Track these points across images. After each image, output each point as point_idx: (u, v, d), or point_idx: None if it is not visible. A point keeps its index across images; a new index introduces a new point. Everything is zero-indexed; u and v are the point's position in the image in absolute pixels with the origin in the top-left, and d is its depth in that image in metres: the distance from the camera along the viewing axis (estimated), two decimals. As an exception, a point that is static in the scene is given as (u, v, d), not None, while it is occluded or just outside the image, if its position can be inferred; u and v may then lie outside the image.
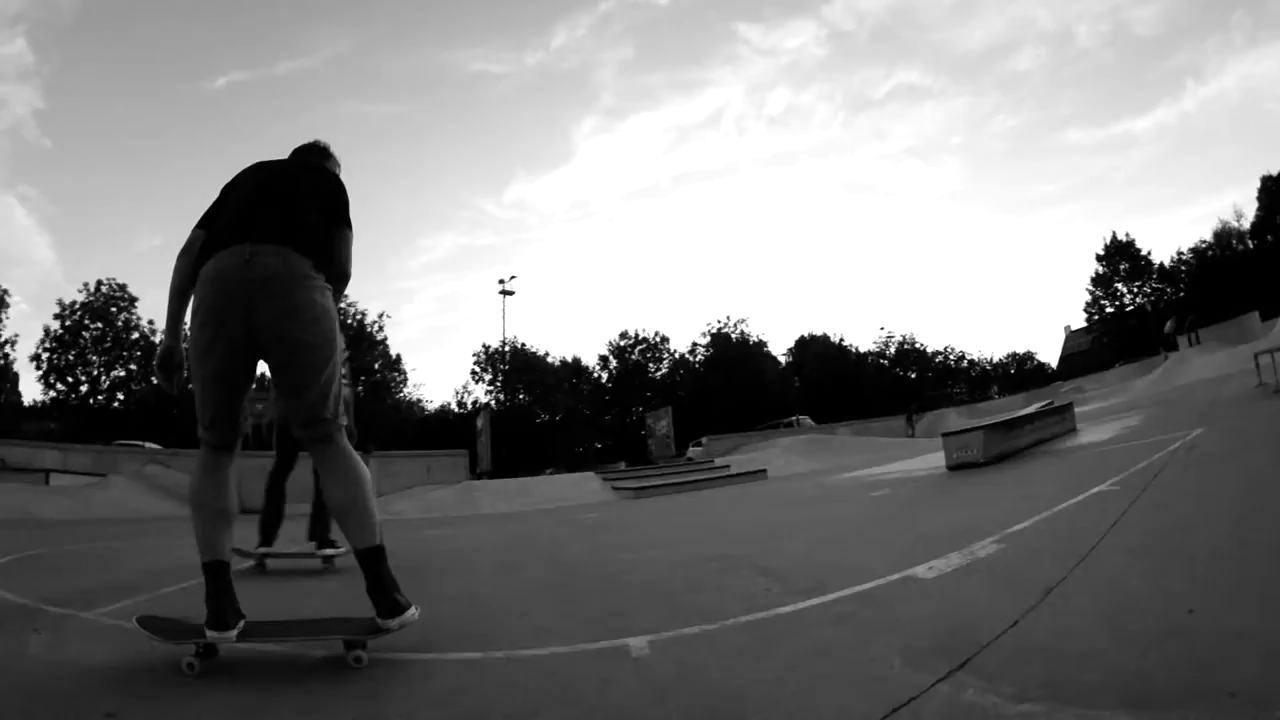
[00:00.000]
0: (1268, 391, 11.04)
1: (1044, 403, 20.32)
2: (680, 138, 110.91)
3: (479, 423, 38.64)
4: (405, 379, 61.57)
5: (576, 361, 65.31)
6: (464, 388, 63.99)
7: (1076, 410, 13.96)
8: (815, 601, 2.98)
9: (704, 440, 33.64)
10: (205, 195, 3.00)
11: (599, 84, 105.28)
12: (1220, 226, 57.37)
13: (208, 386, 2.66)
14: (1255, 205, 54.01)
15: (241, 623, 2.58)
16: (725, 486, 17.61)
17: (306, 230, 2.75)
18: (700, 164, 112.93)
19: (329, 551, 5.44)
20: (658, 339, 65.42)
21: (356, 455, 2.75)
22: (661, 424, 37.99)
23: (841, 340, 68.02)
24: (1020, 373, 70.99)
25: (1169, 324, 35.92)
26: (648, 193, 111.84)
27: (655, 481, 20.10)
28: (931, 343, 72.63)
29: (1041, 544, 3.74)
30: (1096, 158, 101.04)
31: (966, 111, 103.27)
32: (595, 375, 65.27)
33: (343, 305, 54.18)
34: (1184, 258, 58.76)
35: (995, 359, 74.46)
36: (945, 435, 10.15)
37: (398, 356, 60.64)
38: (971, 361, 72.16)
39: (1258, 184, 53.85)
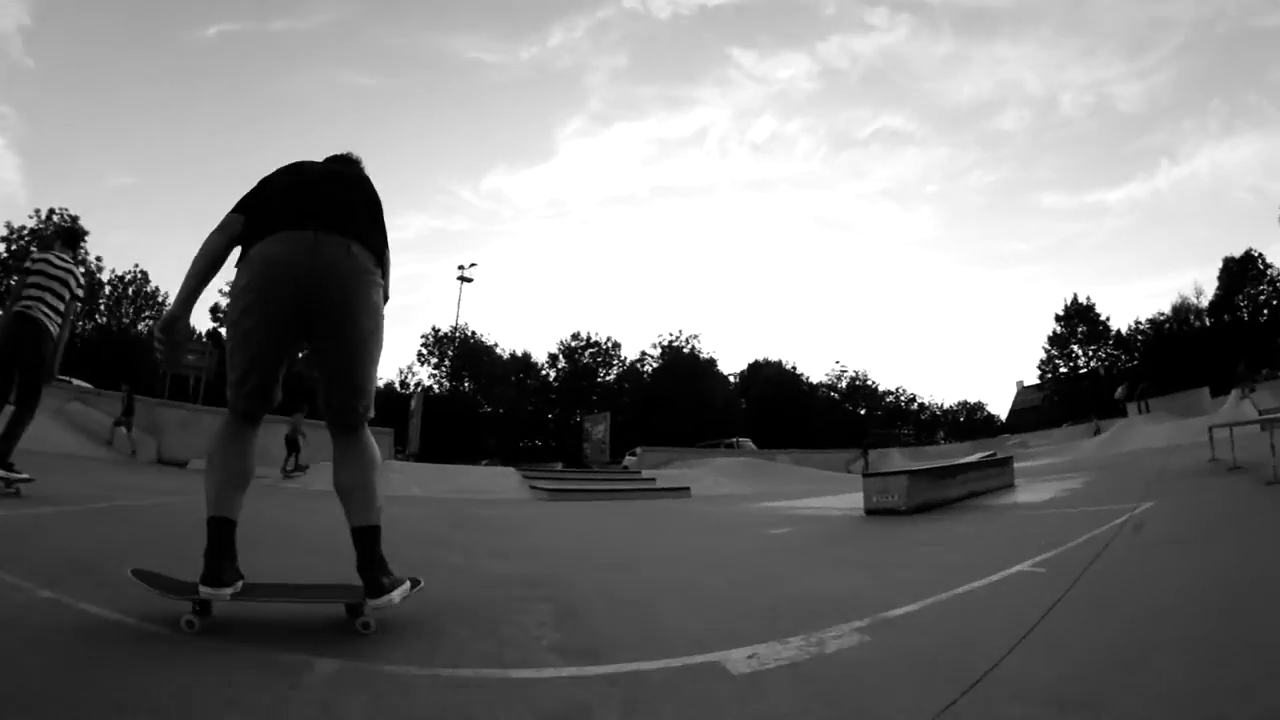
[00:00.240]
0: (1221, 468, 10.08)
1: (985, 453, 19.49)
2: (663, 151, 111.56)
3: (413, 403, 37.71)
4: None
5: (526, 357, 64.20)
6: (409, 368, 62.19)
7: (1018, 465, 12.98)
8: (573, 672, 2.24)
9: (638, 450, 32.48)
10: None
11: (589, 88, 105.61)
12: (1179, 301, 58.86)
13: (248, 364, 2.62)
14: (1215, 284, 55.51)
15: (239, 583, 2.55)
16: (642, 500, 16.45)
17: (365, 230, 2.74)
18: (679, 179, 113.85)
19: (5, 474, 5.67)
20: (610, 344, 64.27)
21: (374, 442, 2.79)
22: (599, 429, 36.88)
23: (794, 368, 67.96)
24: (969, 422, 71.91)
25: (1120, 390, 35.68)
26: (624, 201, 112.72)
27: (574, 486, 19.01)
28: (884, 382, 72.92)
29: (917, 647, 2.50)
30: (1069, 222, 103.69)
31: (946, 162, 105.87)
32: (544, 373, 63.88)
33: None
34: (1141, 327, 59.98)
35: (946, 405, 75.69)
36: (866, 476, 9.03)
37: None
38: (922, 405, 72.78)
39: (1220, 264, 55.25)
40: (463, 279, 48.16)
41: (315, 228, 2.58)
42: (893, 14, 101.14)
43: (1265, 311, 52.38)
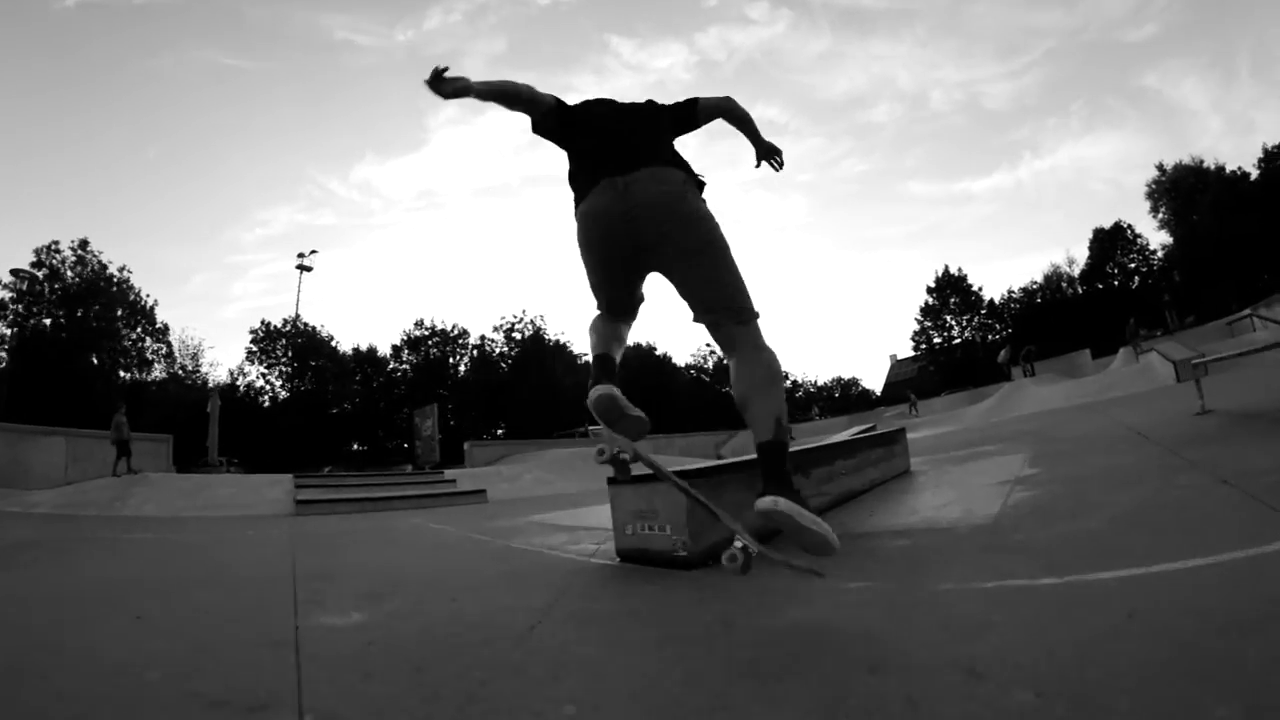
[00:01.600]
0: (1243, 419, 5.95)
1: (863, 427, 15.13)
2: (536, 139, 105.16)
3: (209, 405, 31.64)
4: (169, 351, 51.31)
5: (371, 351, 57.44)
6: (239, 369, 54.44)
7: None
8: None
9: (466, 446, 27.63)
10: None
11: (464, 73, 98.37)
12: (1052, 270, 60.46)
13: (593, 286, 3.05)
14: (1087, 254, 57.88)
15: None
16: (419, 510, 12.59)
17: (663, 146, 3.04)
18: (552, 169, 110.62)
19: None
20: (455, 332, 58.40)
21: (768, 352, 2.64)
22: (427, 424, 31.59)
23: (652, 346, 64.48)
24: (844, 397, 71.38)
25: (1003, 353, 34.06)
26: (495, 191, 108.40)
27: (351, 494, 15.10)
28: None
29: None
30: (936, 209, 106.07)
31: (818, 152, 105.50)
32: (391, 368, 57.52)
33: (82, 253, 44.91)
34: (1014, 296, 60.86)
35: (820, 382, 74.78)
36: (612, 484, 4.24)
37: (165, 326, 50.51)
38: (795, 382, 70.94)
39: (1089, 236, 57.94)
40: (302, 268, 43.38)
41: (612, 173, 2.71)
42: (773, 9, 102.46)
43: (1135, 279, 54.79)
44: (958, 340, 60.09)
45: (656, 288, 3.04)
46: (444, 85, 2.91)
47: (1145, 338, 26.46)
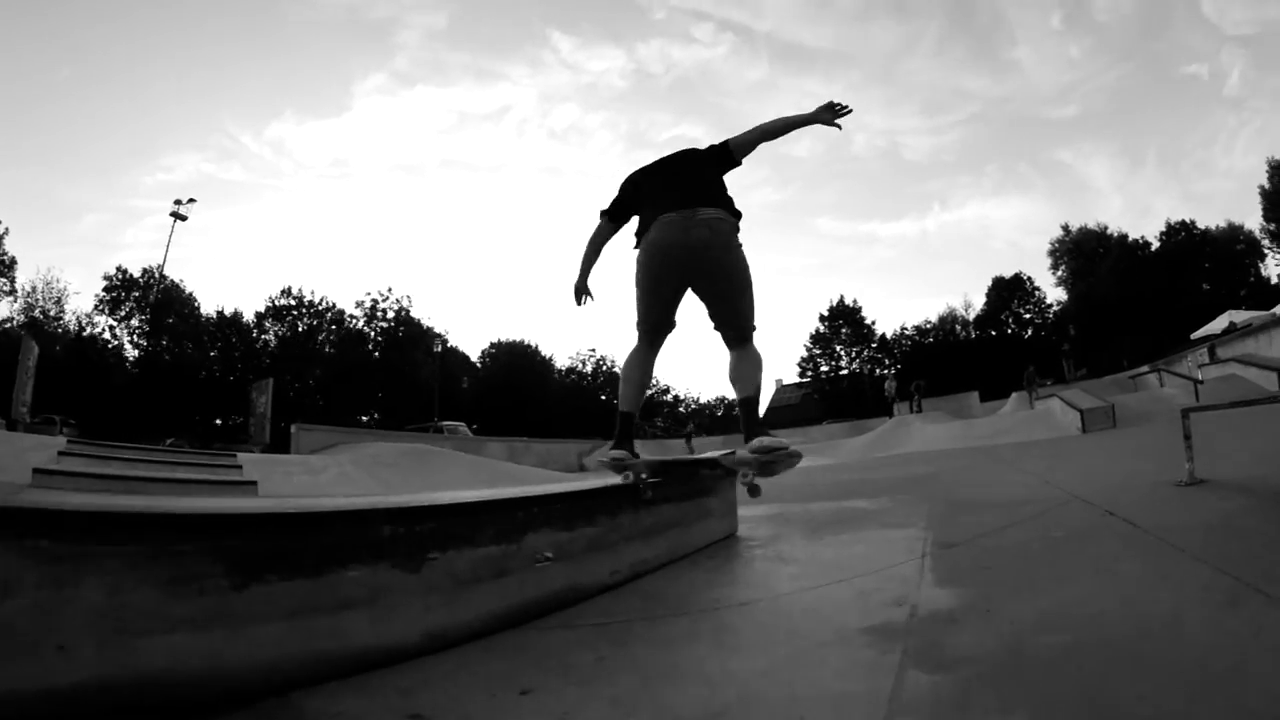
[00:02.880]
0: (1268, 499, 3.48)
1: (724, 452, 12.40)
2: (460, 122, 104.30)
3: (20, 352, 26.81)
4: (13, 289, 44.31)
5: (236, 317, 51.78)
6: (87, 317, 47.88)
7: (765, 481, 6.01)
8: None
9: (293, 428, 23.96)
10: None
11: (399, 44, 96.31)
12: (947, 311, 61.43)
13: (644, 311, 3.56)
14: (984, 300, 59.72)
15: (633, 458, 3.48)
16: (159, 498, 8.77)
17: (719, 195, 3.64)
18: (471, 155, 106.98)
19: None
20: (324, 305, 53.58)
21: (758, 351, 3.54)
22: (261, 400, 27.64)
23: (536, 348, 62.16)
24: (728, 417, 69.73)
25: (889, 384, 32.63)
26: (410, 169, 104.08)
27: (109, 470, 10.89)
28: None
29: None
30: (840, 246, 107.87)
31: (737, 176, 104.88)
32: (253, 334, 52.24)
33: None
34: (906, 333, 61.38)
35: (703, 399, 73.28)
36: None
37: (12, 259, 43.38)
38: (677, 397, 69.31)
39: (988, 285, 59.71)
40: (176, 216, 38.74)
41: (677, 207, 3.31)
42: (717, 31, 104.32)
43: (1029, 329, 56.97)
44: (845, 371, 59.83)
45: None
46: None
47: (1041, 385, 25.96)
